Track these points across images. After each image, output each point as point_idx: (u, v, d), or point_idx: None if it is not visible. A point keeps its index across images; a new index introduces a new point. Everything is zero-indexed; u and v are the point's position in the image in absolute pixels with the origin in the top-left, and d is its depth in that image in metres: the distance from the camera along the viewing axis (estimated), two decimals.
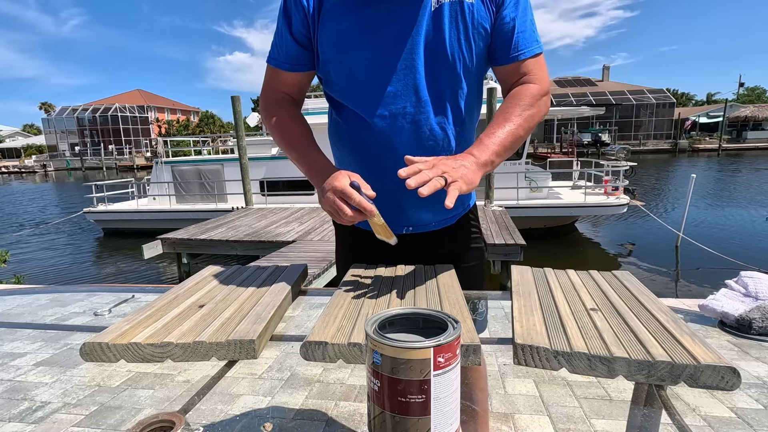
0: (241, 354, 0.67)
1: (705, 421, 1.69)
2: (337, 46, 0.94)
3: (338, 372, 2.19)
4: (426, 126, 0.97)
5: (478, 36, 0.93)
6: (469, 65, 0.96)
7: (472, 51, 0.94)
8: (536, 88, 0.95)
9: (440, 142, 0.99)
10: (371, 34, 0.91)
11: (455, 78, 0.95)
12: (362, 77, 0.94)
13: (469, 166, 0.82)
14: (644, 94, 42.32)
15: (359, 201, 0.80)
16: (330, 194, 0.83)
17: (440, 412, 0.47)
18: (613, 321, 0.71)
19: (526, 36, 0.95)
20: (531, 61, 0.97)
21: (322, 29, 0.93)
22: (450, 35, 0.91)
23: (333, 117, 1.07)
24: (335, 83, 0.99)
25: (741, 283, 1.07)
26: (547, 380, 2.10)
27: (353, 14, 0.91)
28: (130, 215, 11.66)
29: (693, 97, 69.39)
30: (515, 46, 0.95)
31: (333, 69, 0.97)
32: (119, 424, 1.82)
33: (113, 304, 2.66)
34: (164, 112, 60.86)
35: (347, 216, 0.81)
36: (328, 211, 0.85)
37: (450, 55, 0.93)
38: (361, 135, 0.99)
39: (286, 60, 0.99)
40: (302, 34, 0.96)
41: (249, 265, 1.09)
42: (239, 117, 9.74)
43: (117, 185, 13.19)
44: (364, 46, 0.92)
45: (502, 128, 0.90)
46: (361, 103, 0.97)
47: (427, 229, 1.10)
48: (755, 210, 12.35)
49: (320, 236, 6.66)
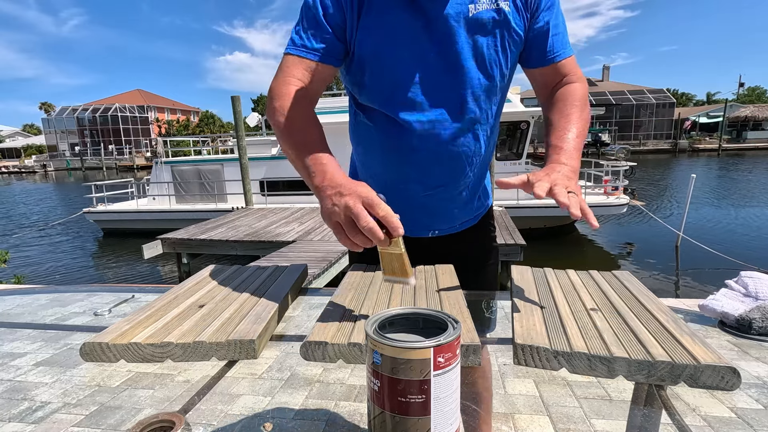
0: (241, 354, 0.67)
1: (705, 421, 1.69)
2: (376, 50, 0.92)
3: (338, 372, 2.19)
4: (462, 132, 0.97)
5: (513, 43, 0.94)
6: (504, 71, 0.96)
7: (508, 57, 0.95)
8: (582, 88, 0.98)
9: (473, 147, 1.00)
10: (411, 39, 0.90)
11: (491, 84, 0.96)
12: (400, 82, 0.93)
13: (571, 175, 0.82)
14: (644, 94, 42.34)
15: (386, 213, 0.64)
16: (350, 199, 0.67)
17: (440, 412, 0.47)
18: (613, 321, 0.71)
19: (561, 38, 0.97)
20: (569, 62, 0.99)
21: (362, 32, 0.91)
22: (487, 42, 0.92)
23: (360, 120, 1.04)
24: (370, 87, 0.97)
25: (741, 283, 1.07)
26: (547, 380, 2.10)
27: (394, 18, 0.90)
28: (130, 215, 11.66)
29: (693, 97, 69.40)
30: (551, 49, 0.97)
31: (368, 70, 0.94)
32: (119, 424, 1.82)
33: (113, 304, 2.66)
34: (164, 112, 60.87)
35: (366, 225, 0.63)
36: (336, 223, 0.69)
37: (487, 61, 0.93)
38: (394, 140, 0.98)
39: (318, 49, 0.90)
40: (338, 26, 0.91)
41: (249, 265, 1.09)
42: (239, 117, 9.74)
43: (117, 185, 13.19)
44: (403, 50, 0.91)
45: (569, 131, 0.91)
46: (398, 109, 0.95)
47: (452, 231, 1.12)
48: (755, 210, 12.35)
49: (320, 236, 6.66)
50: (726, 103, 40.73)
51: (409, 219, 0.81)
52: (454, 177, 1.02)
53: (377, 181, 1.04)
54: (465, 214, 1.11)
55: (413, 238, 1.08)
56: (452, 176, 1.01)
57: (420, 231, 1.08)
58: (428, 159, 0.98)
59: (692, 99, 68.46)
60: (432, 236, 1.10)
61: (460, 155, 0.99)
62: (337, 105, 10.06)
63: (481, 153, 1.02)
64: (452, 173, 1.01)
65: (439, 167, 0.99)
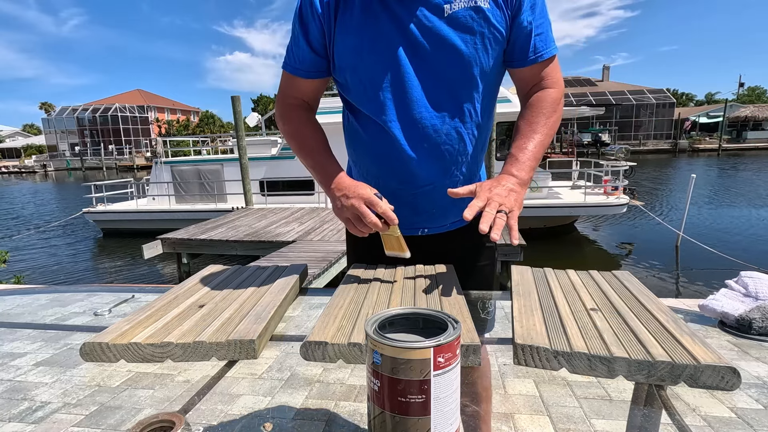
0: (241, 354, 0.67)
1: (705, 421, 1.69)
2: (353, 55, 0.94)
3: (338, 372, 2.19)
4: (443, 131, 0.97)
5: (494, 40, 0.93)
6: (486, 69, 0.96)
7: (489, 55, 0.94)
8: (555, 93, 0.99)
9: (457, 146, 0.99)
10: (387, 41, 0.91)
11: (472, 83, 0.95)
12: (378, 84, 0.94)
13: (516, 188, 0.88)
14: (644, 94, 42.33)
15: (385, 209, 0.86)
16: (355, 200, 0.88)
17: (440, 412, 0.47)
18: (613, 321, 0.71)
19: (543, 38, 0.96)
20: (548, 64, 0.99)
21: (339, 38, 0.94)
22: (465, 40, 0.91)
23: (350, 121, 1.06)
24: (352, 90, 0.99)
25: (741, 283, 1.07)
26: (547, 380, 2.10)
27: (369, 22, 0.91)
28: (129, 215, 11.66)
29: (693, 97, 69.39)
30: (533, 49, 0.96)
31: (350, 76, 0.97)
32: (119, 424, 1.82)
33: (113, 304, 2.66)
34: (164, 112, 60.86)
35: (370, 221, 0.86)
36: (347, 219, 0.90)
37: (467, 60, 0.92)
38: (378, 141, 0.99)
39: (303, 67, 0.99)
40: (319, 43, 0.96)
41: (249, 265, 1.09)
42: (239, 117, 9.73)
43: (116, 185, 13.19)
44: (380, 53, 0.92)
45: (531, 140, 0.94)
46: (377, 110, 0.97)
47: (443, 230, 1.11)
48: (755, 210, 12.35)
49: (320, 236, 6.66)
50: (726, 103, 40.72)
51: (398, 217, 0.86)
52: (440, 177, 1.01)
53: (368, 179, 1.05)
54: (455, 214, 1.10)
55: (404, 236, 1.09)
56: (438, 176, 1.01)
57: (409, 230, 1.07)
58: (411, 159, 0.98)
59: (692, 99, 68.46)
60: (422, 235, 1.10)
61: (443, 154, 0.99)
62: (337, 105, 10.06)
63: (467, 152, 1.01)
64: (437, 173, 1.01)
65: (423, 167, 0.99)
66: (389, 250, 0.93)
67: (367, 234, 0.89)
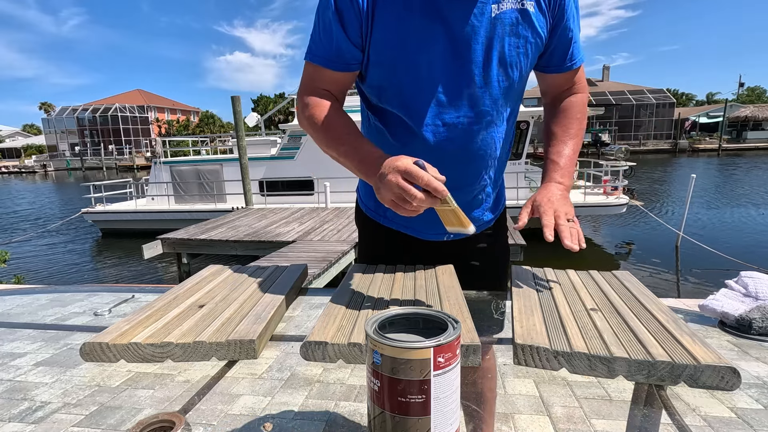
0: (241, 354, 0.67)
1: (705, 421, 1.69)
2: (393, 50, 0.88)
3: (338, 372, 2.19)
4: (479, 136, 0.94)
5: (535, 45, 0.91)
6: (524, 73, 0.94)
7: (529, 59, 0.92)
8: (583, 98, 1.02)
9: (489, 150, 0.98)
10: (430, 39, 0.86)
11: (510, 86, 0.93)
12: (416, 85, 0.90)
13: (566, 194, 0.93)
14: (644, 94, 42.32)
15: (428, 180, 0.68)
16: (392, 176, 0.70)
17: (440, 412, 0.47)
18: (613, 321, 0.71)
19: (579, 46, 0.97)
20: (581, 69, 1.01)
21: (377, 31, 0.87)
22: (509, 43, 0.88)
23: (372, 123, 1.02)
24: (385, 88, 0.93)
25: (741, 283, 1.07)
26: (547, 380, 2.10)
27: (410, 19, 0.85)
28: (128, 216, 11.64)
29: (693, 97, 69.40)
30: (571, 56, 0.97)
31: (384, 74, 0.91)
32: (119, 424, 1.81)
33: (113, 304, 2.66)
34: (164, 112, 60.83)
35: (416, 198, 0.68)
36: (391, 201, 0.72)
37: (508, 63, 0.89)
38: (408, 144, 0.95)
39: (337, 58, 0.90)
40: (355, 33, 0.87)
41: (249, 265, 1.09)
42: (239, 117, 9.74)
43: (115, 185, 13.17)
44: (420, 52, 0.87)
45: (568, 146, 0.99)
46: (412, 111, 0.92)
47: (467, 234, 1.11)
48: (755, 210, 12.35)
49: (320, 236, 6.66)
50: (726, 103, 40.72)
51: (423, 223, 0.83)
52: (471, 180, 1.00)
53: None
54: (482, 217, 1.09)
55: (428, 241, 1.08)
56: (469, 179, 0.99)
57: (435, 235, 1.06)
58: (444, 162, 0.92)
59: (692, 99, 68.47)
60: (447, 240, 1.08)
61: (476, 158, 0.97)
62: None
63: (495, 156, 1.00)
64: (469, 176, 0.99)
65: (456, 170, 0.95)
66: (449, 226, 0.76)
67: (416, 214, 0.72)
